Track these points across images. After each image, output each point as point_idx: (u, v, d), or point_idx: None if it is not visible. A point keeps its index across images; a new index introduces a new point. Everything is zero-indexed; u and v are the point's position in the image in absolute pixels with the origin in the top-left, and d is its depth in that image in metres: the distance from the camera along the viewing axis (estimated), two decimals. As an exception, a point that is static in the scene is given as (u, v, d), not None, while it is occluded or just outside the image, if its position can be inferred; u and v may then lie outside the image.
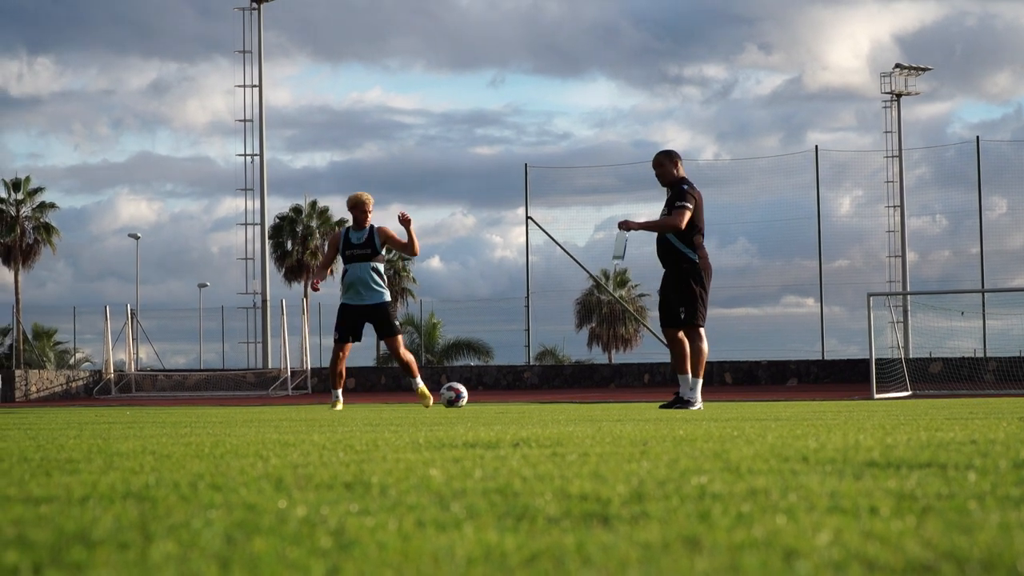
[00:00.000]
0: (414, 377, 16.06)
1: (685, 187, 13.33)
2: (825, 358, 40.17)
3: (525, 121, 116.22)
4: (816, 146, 43.23)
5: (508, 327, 46.95)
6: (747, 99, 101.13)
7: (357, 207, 15.73)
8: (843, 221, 48.86)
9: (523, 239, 43.59)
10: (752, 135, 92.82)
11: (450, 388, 16.43)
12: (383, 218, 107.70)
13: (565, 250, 42.62)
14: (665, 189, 13.52)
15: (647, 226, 13.38)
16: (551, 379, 40.87)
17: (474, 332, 61.38)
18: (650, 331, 45.26)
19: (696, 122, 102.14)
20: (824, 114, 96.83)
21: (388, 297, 15.85)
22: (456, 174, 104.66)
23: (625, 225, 13.43)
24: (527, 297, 43.23)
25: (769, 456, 3.94)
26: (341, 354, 15.93)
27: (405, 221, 15.42)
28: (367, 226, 15.68)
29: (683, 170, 13.59)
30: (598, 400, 23.76)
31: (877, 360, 27.90)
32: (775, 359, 39.51)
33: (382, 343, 18.88)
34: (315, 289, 15.71)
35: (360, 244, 15.65)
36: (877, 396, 25.47)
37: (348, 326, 15.85)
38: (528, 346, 43.73)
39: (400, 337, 15.90)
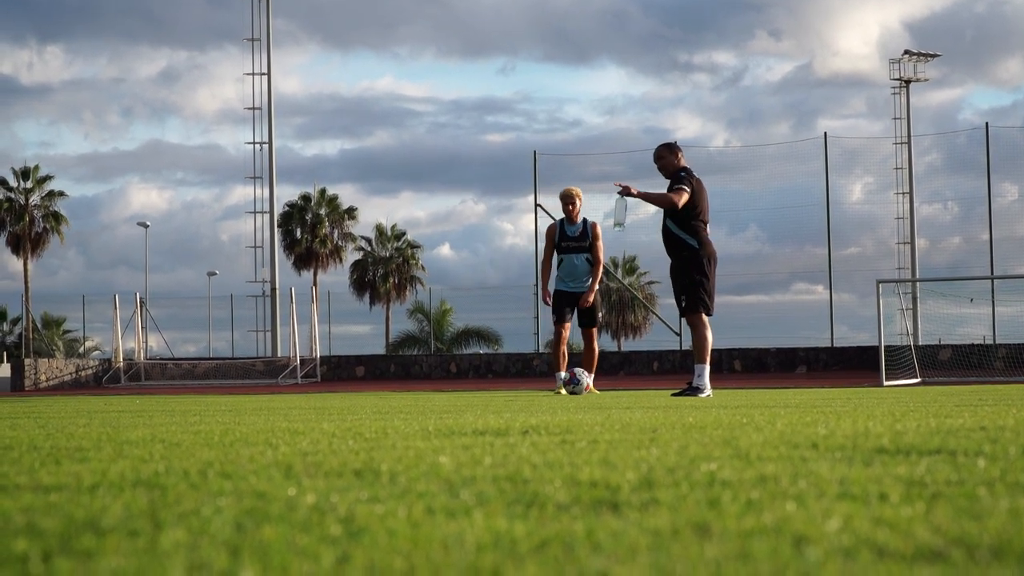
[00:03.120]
0: (590, 373, 16.23)
1: (683, 174, 13.40)
2: (835, 345, 40.12)
3: (535, 108, 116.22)
4: (825, 133, 43.18)
5: (517, 315, 46.94)
6: (757, 86, 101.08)
7: (566, 200, 16.39)
8: (853, 208, 48.82)
9: (532, 227, 43.58)
10: (762, 122, 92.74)
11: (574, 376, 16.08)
12: (394, 207, 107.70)
13: (574, 238, 42.59)
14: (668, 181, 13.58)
15: (645, 196, 13.43)
16: (560, 367, 40.81)
17: (484, 320, 61.36)
18: (659, 318, 45.23)
19: (706, 109, 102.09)
20: (834, 100, 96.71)
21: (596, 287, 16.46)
22: (466, 161, 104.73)
23: (625, 190, 13.47)
24: (536, 284, 43.20)
25: (779, 443, 3.94)
26: (563, 334, 16.39)
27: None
28: (580, 220, 16.33)
29: (684, 160, 13.64)
30: (607, 388, 23.76)
31: (886, 347, 27.86)
32: (784, 346, 39.47)
33: (392, 334, 19.09)
34: (548, 303, 16.38)
35: (575, 236, 16.34)
36: (886, 383, 25.45)
37: (563, 307, 16.35)
38: (537, 334, 43.72)
39: (596, 330, 16.45)
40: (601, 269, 16.42)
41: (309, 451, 3.95)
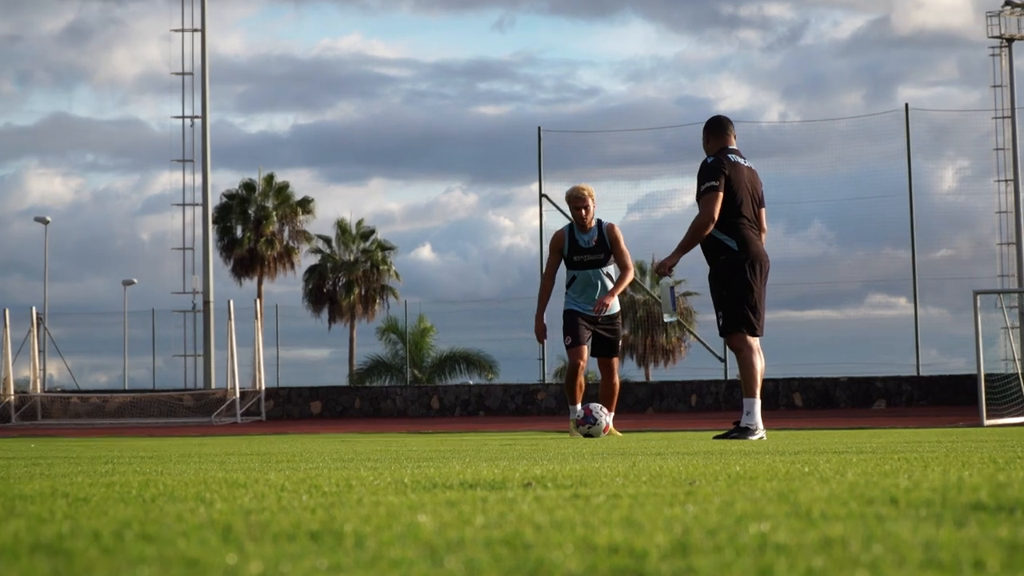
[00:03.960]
0: (609, 410, 16.32)
1: (711, 160, 13.42)
2: (921, 374, 40.16)
3: (540, 73, 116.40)
4: (907, 104, 43.21)
5: (517, 335, 47.04)
6: (821, 45, 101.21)
7: (575, 203, 16.33)
8: (944, 199, 48.89)
9: (537, 223, 43.61)
10: (828, 91, 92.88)
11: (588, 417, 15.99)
12: (361, 198, 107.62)
13: (589, 237, 42.54)
14: None
15: (684, 249, 13.51)
16: (572, 401, 40.81)
17: (474, 342, 61.39)
18: (698, 339, 45.28)
19: (757, 75, 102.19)
20: (919, 64, 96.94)
21: (617, 307, 16.66)
22: (453, 140, 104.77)
23: (663, 269, 13.61)
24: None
25: (848, 498, 3.96)
26: (580, 362, 16.39)
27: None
28: (594, 225, 16.34)
29: (733, 139, 13.67)
30: (632, 428, 23.77)
31: (987, 376, 27.85)
32: (857, 375, 39.49)
33: (357, 360, 19.04)
34: (541, 339, 17.00)
35: (590, 247, 16.35)
36: (987, 422, 25.46)
37: (579, 327, 16.41)
38: (543, 359, 43.74)
39: (617, 361, 16.70)
40: (631, 276, 16.50)
41: (253, 508, 3.96)
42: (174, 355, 52.23)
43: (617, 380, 16.69)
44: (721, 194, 13.25)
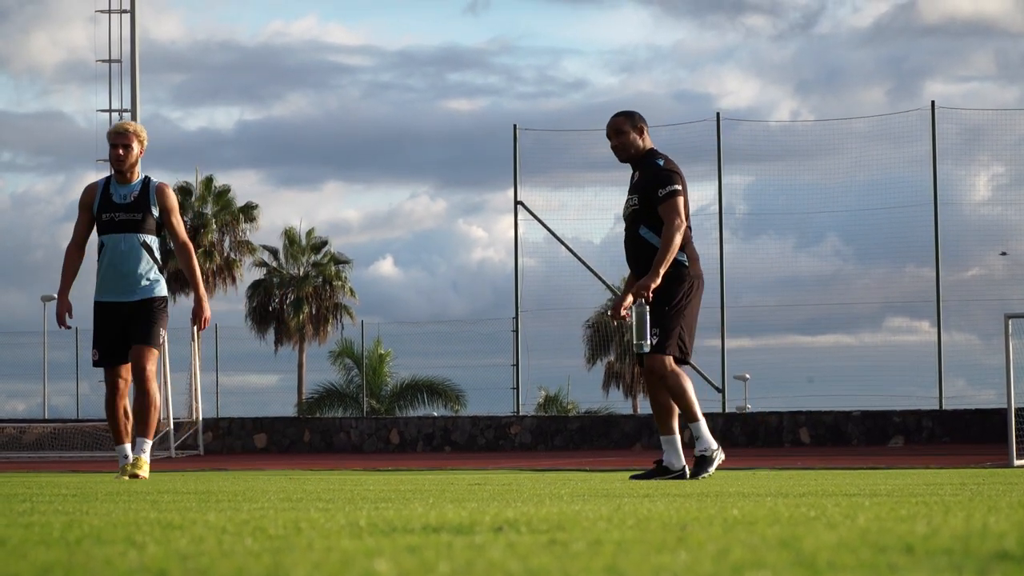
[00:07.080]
0: (146, 436, 14.51)
1: (661, 162, 13.29)
2: (944, 407, 40.18)
3: (519, 63, 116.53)
4: (933, 102, 43.22)
5: (489, 361, 46.91)
6: (839, 35, 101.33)
7: (112, 138, 14.36)
8: (975, 211, 48.77)
9: (512, 234, 43.58)
10: (846, 87, 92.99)
11: None
12: (313, 204, 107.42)
13: (572, 250, 42.58)
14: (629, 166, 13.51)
15: (661, 262, 12.93)
16: (550, 436, 40.89)
17: (439, 368, 61.28)
18: (693, 367, 45.38)
19: (766, 67, 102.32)
20: (949, 56, 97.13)
21: (163, 291, 14.56)
22: (419, 139, 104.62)
23: (646, 292, 12.93)
24: (516, 318, 43.16)
25: (859, 545, 3.99)
26: (119, 382, 14.34)
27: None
28: (139, 178, 14.39)
29: (650, 140, 13.54)
30: (617, 467, 23.78)
31: (1019, 411, 27.87)
32: (872, 409, 39.51)
33: (307, 388, 18.65)
34: (64, 325, 14.78)
35: (126, 204, 14.33)
36: (1017, 462, 25.51)
37: (109, 339, 14.42)
38: (517, 388, 43.69)
39: (154, 355, 14.33)
40: (193, 253, 14.72)
41: (190, 553, 3.98)
42: (100, 380, 52.12)
43: (152, 388, 14.30)
44: (683, 199, 13.19)
